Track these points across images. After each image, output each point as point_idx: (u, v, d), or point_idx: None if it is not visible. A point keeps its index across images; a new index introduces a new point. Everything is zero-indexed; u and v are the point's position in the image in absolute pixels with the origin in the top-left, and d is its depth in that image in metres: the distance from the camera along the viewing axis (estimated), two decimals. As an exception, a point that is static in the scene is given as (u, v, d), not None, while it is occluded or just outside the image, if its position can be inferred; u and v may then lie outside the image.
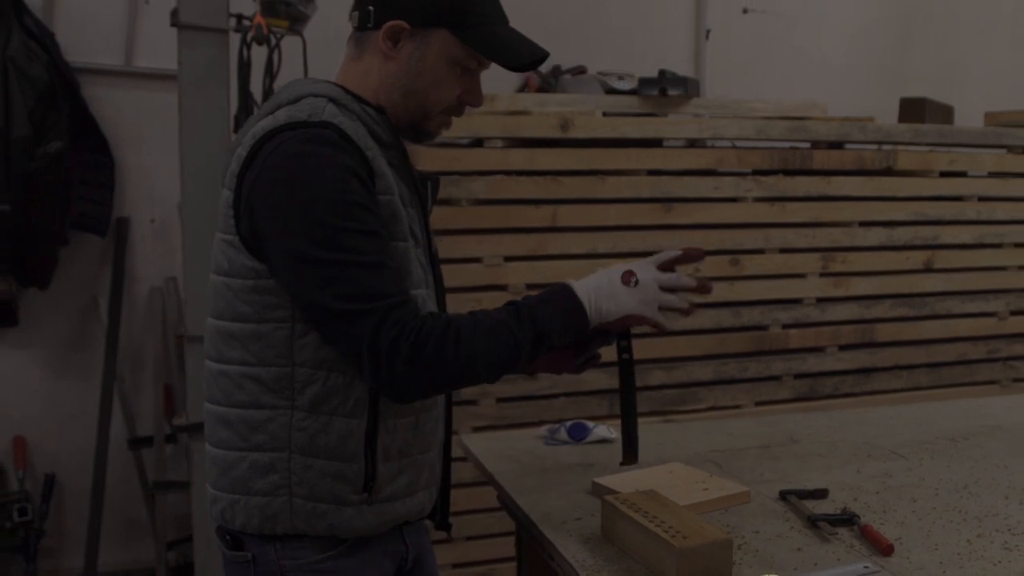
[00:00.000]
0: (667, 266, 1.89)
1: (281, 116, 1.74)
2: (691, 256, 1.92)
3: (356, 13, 1.85)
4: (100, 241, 4.04)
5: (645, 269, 1.86)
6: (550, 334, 1.77)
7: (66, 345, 4.10)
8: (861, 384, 3.99)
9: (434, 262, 1.97)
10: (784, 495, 2.17)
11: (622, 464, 2.00)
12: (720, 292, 3.70)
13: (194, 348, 3.34)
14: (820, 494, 2.16)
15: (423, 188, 1.96)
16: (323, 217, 1.66)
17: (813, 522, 2.02)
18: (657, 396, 3.67)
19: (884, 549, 1.88)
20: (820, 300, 3.89)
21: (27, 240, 3.71)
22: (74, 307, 4.08)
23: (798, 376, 3.89)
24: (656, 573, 1.75)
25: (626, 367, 1.94)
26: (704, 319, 3.69)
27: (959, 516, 2.05)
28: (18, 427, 4.02)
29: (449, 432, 2.04)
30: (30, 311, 4.01)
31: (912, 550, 1.87)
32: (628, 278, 1.83)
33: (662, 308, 1.85)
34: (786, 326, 3.85)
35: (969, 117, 4.40)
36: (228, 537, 1.84)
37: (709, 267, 3.68)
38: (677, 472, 2.22)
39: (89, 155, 3.92)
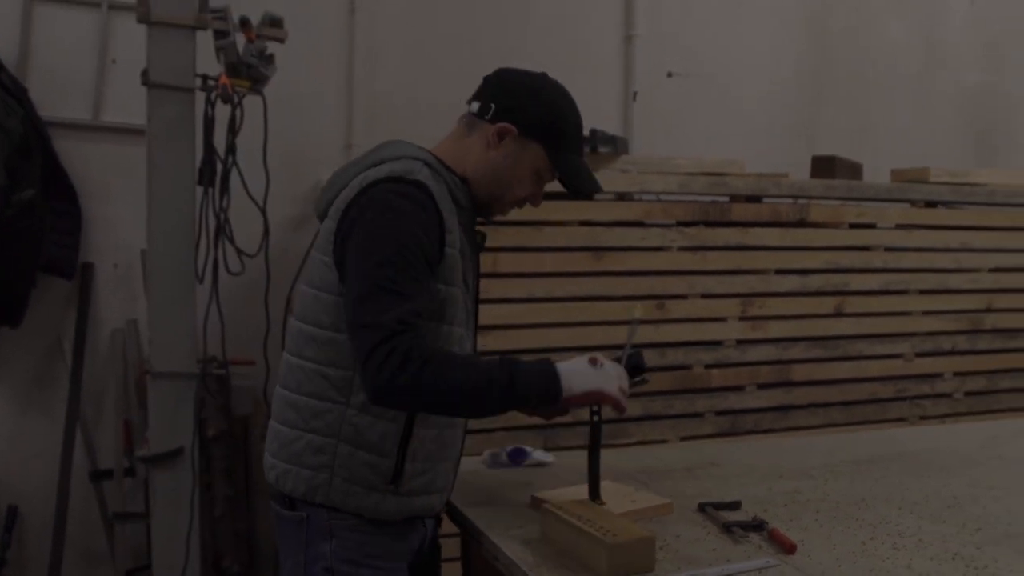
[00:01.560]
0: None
1: (384, 170, 2.15)
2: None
3: (478, 103, 2.28)
4: (66, 284, 4.21)
5: (600, 356, 2.20)
6: (525, 387, 2.05)
7: (31, 383, 4.25)
8: (779, 421, 4.28)
9: (476, 305, 2.39)
10: (702, 506, 2.45)
11: (592, 499, 2.32)
12: (647, 334, 3.99)
13: (157, 384, 3.58)
14: (734, 506, 2.43)
15: (480, 244, 2.38)
16: (393, 258, 2.04)
17: (727, 528, 2.29)
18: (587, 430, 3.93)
19: (788, 548, 2.17)
20: (740, 342, 4.18)
21: (1, 282, 3.89)
22: (40, 346, 4.24)
23: (720, 413, 4.17)
24: (589, 568, 2.00)
25: (595, 427, 2.33)
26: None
27: (856, 523, 2.34)
28: (-16, 460, 4.17)
29: (461, 452, 2.40)
30: (-2, 350, 4.20)
31: (813, 550, 2.14)
32: (594, 361, 2.17)
33: (621, 390, 2.20)
34: (708, 366, 4.14)
35: (877, 172, 4.72)
36: (285, 499, 2.24)
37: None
38: (607, 487, 2.43)
39: (58, 203, 4.09)
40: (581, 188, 2.34)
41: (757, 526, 2.29)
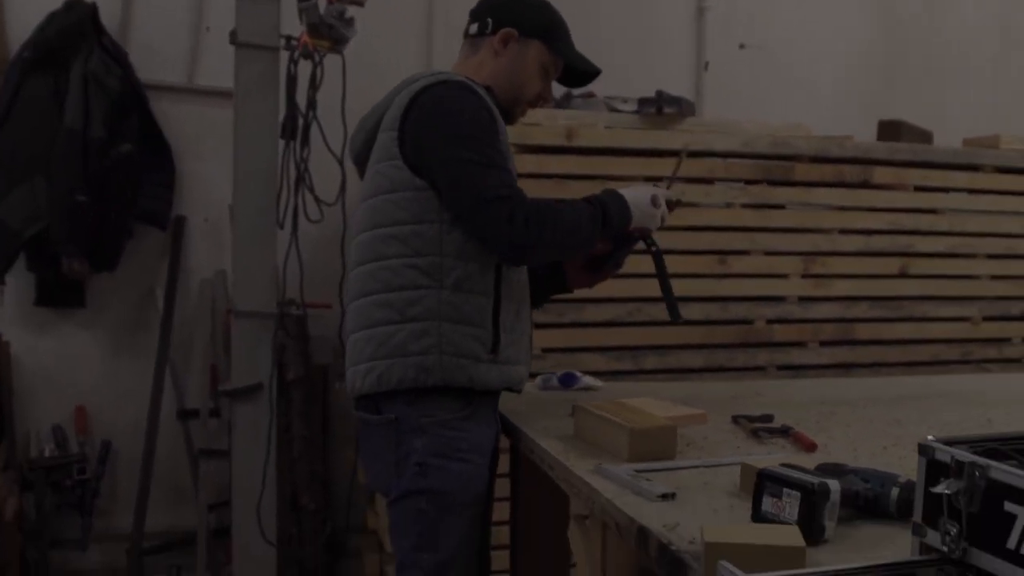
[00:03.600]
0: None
1: (427, 79, 2.38)
2: None
3: (475, 24, 2.55)
4: (160, 235, 4.50)
5: (661, 193, 2.53)
6: (613, 217, 2.39)
7: (126, 327, 4.55)
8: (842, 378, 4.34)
9: None
10: (735, 418, 2.56)
11: (674, 322, 2.64)
12: (708, 287, 4.10)
13: (239, 322, 3.81)
14: (767, 419, 2.53)
15: None
16: (474, 135, 2.29)
17: (755, 432, 2.42)
18: (649, 380, 4.04)
19: (808, 447, 2.28)
20: (802, 299, 4.24)
21: (100, 228, 4.16)
22: (134, 293, 4.54)
23: (781, 367, 4.23)
24: (613, 454, 2.14)
25: (658, 255, 2.56)
26: (693, 311, 4.05)
27: (883, 435, 2.42)
28: (80, 398, 4.45)
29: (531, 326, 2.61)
30: (96, 295, 4.46)
31: (833, 450, 2.24)
32: (655, 200, 2.49)
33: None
34: (770, 321, 4.22)
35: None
36: (371, 405, 2.41)
37: (699, 265, 4.09)
38: (647, 402, 2.51)
39: (154, 159, 4.38)
40: (586, 69, 2.61)
41: (783, 431, 2.40)
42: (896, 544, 1.55)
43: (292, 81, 3.87)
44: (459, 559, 2.42)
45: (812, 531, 1.55)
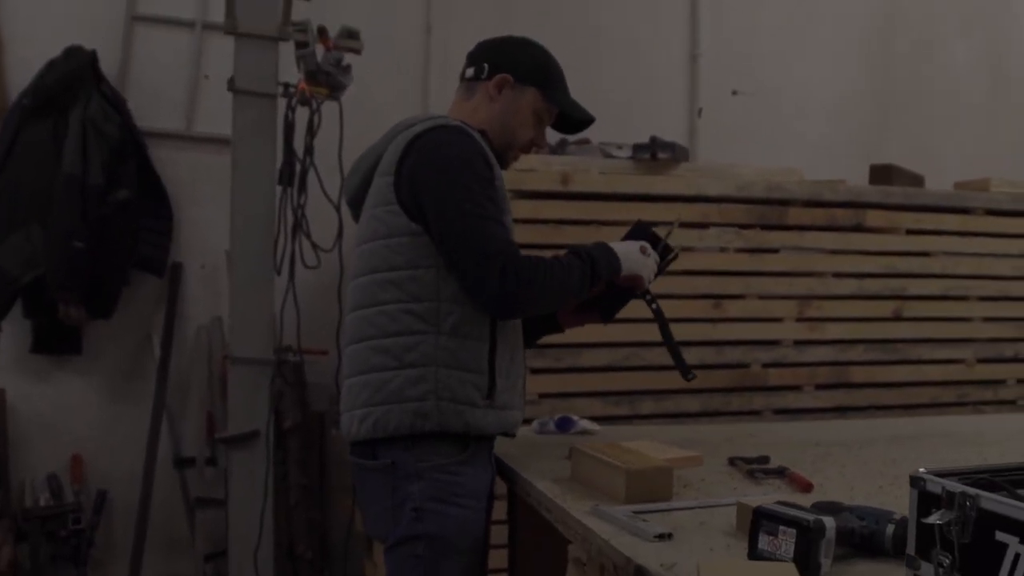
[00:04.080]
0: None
1: (424, 124, 2.40)
2: None
3: (472, 69, 2.57)
4: (156, 282, 4.51)
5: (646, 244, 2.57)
6: (601, 269, 2.43)
7: (122, 374, 4.54)
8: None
9: None
10: (732, 460, 2.57)
11: (687, 380, 2.68)
12: (704, 332, 4.12)
13: (236, 369, 3.81)
14: (763, 460, 2.54)
15: None
16: (471, 186, 2.30)
17: (751, 473, 2.42)
18: (646, 424, 4.05)
19: (804, 487, 2.28)
20: (797, 342, 4.27)
21: (97, 275, 4.16)
22: (131, 340, 4.54)
23: (778, 411, 4.25)
24: (610, 495, 2.14)
25: (658, 313, 2.63)
26: (689, 356, 3.97)
27: (879, 475, 2.42)
28: (76, 446, 4.43)
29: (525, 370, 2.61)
30: (92, 341, 4.46)
31: (829, 490, 2.24)
32: (643, 250, 2.54)
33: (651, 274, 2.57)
34: (766, 365, 4.23)
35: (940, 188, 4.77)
36: (367, 451, 2.40)
37: (694, 309, 4.11)
38: (643, 444, 2.54)
39: (152, 205, 4.40)
40: (580, 117, 2.63)
41: (779, 472, 2.41)
42: (893, 581, 1.56)
43: (289, 128, 3.91)
44: None
45: (808, 568, 1.55)
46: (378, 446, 2.38)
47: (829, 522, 1.59)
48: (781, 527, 1.60)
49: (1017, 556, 1.15)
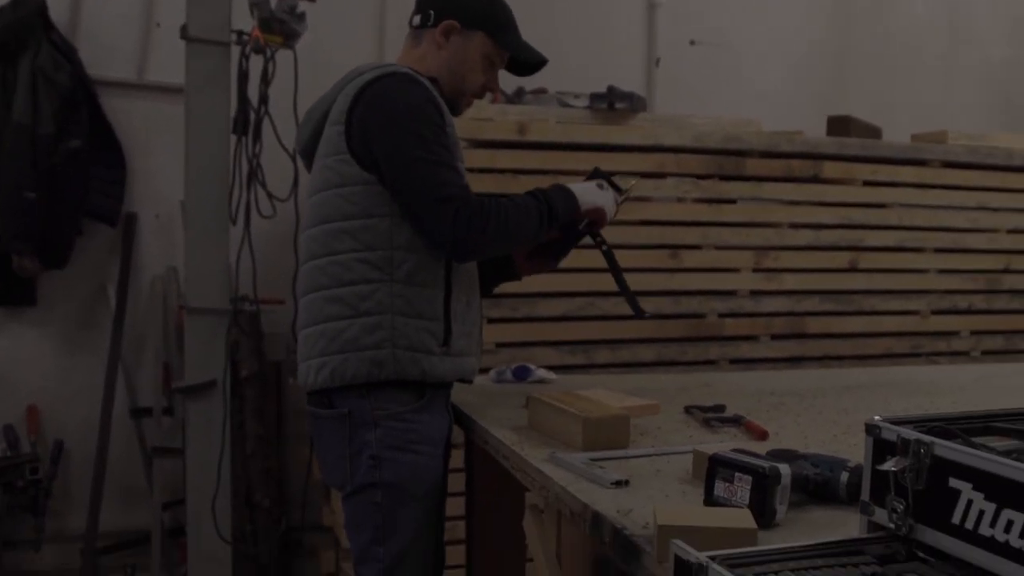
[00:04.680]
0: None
1: (374, 72, 2.38)
2: None
3: (418, 16, 2.53)
4: (110, 232, 4.46)
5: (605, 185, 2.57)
6: (560, 209, 2.43)
7: (77, 325, 4.51)
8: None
9: None
10: (688, 408, 2.59)
11: (638, 317, 2.70)
12: (660, 282, 4.13)
13: (192, 319, 3.78)
14: (718, 409, 2.55)
15: None
16: (422, 132, 2.30)
17: (707, 422, 2.45)
18: (602, 373, 4.07)
19: (759, 435, 2.30)
20: (754, 293, 4.28)
21: (50, 225, 4.12)
22: (85, 291, 4.50)
23: (733, 361, 4.27)
24: (567, 443, 2.16)
25: (609, 254, 2.64)
26: (646, 305, 4.00)
27: (832, 424, 2.45)
28: (32, 397, 4.41)
29: (481, 317, 2.62)
30: (47, 293, 4.42)
31: (784, 438, 2.26)
32: (600, 185, 2.54)
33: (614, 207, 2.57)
34: (722, 315, 4.25)
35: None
36: (324, 399, 2.41)
37: (650, 259, 4.12)
38: (600, 393, 2.57)
39: (104, 155, 4.34)
40: (529, 59, 2.59)
41: (735, 420, 2.43)
42: (847, 527, 1.57)
43: (244, 76, 3.87)
44: (415, 551, 2.43)
45: (764, 515, 1.57)
46: (334, 395, 2.39)
47: (784, 469, 1.61)
48: (737, 474, 1.62)
49: (970, 502, 1.17)
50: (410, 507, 2.40)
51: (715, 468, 1.67)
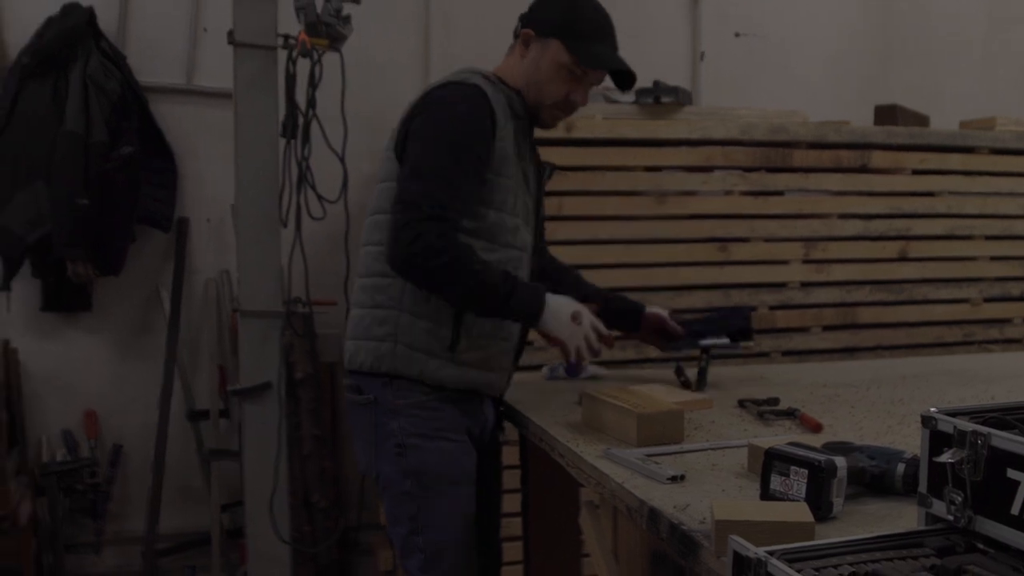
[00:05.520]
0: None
1: (443, 79, 2.49)
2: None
3: (519, 24, 2.55)
4: (163, 237, 4.52)
5: (588, 317, 2.47)
6: (517, 304, 2.35)
7: (133, 329, 4.57)
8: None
9: (539, 214, 2.67)
10: (742, 402, 2.59)
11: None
12: (710, 275, 4.13)
13: (246, 322, 3.82)
14: (772, 402, 2.55)
15: (541, 165, 2.68)
16: (437, 138, 2.35)
17: (761, 415, 2.45)
18: (654, 368, 4.06)
19: (814, 428, 2.30)
20: (804, 284, 4.27)
21: (103, 232, 4.17)
22: (140, 296, 4.56)
23: (786, 353, 4.26)
24: (622, 439, 2.17)
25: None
26: (696, 300, 4.08)
27: (887, 415, 2.44)
28: (90, 402, 4.48)
29: (523, 341, 2.62)
30: (101, 298, 4.48)
31: (839, 431, 2.26)
32: (576, 316, 2.44)
33: (579, 347, 2.45)
34: (773, 307, 4.24)
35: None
36: (355, 386, 2.49)
37: (699, 253, 4.11)
38: (653, 388, 2.58)
39: (155, 161, 4.39)
40: (607, 67, 2.53)
41: (789, 413, 2.43)
42: (903, 518, 1.58)
43: (291, 80, 3.87)
44: (456, 540, 2.47)
45: (820, 508, 1.57)
46: (363, 381, 2.47)
47: (840, 462, 1.61)
48: (792, 467, 1.62)
49: (1029, 492, 1.18)
50: (441, 495, 2.44)
51: (770, 462, 1.67)
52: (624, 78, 2.58)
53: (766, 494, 1.67)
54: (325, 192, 3.90)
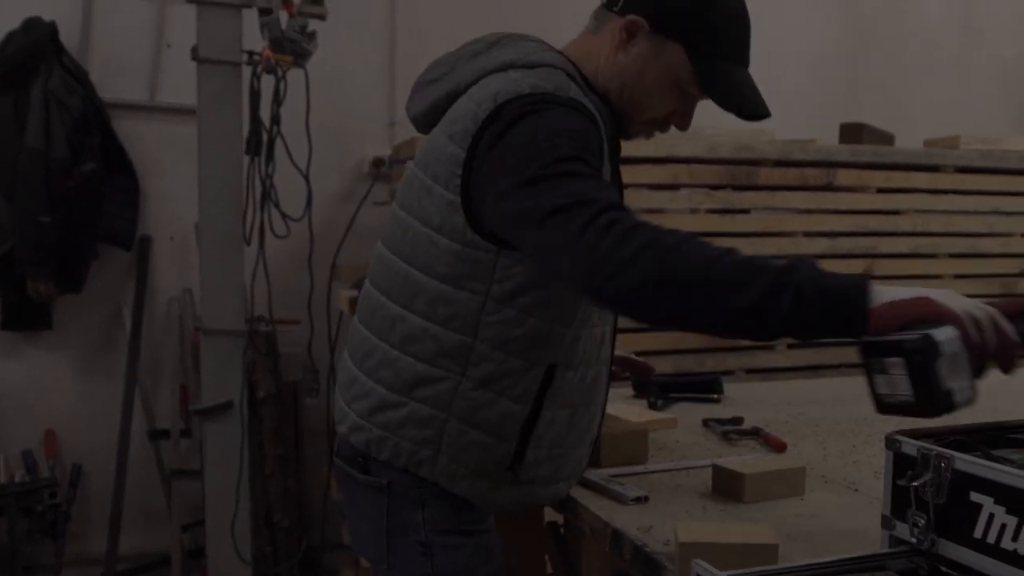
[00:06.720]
0: None
1: (524, 84, 1.69)
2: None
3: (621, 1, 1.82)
4: (125, 255, 4.47)
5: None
6: (805, 292, 1.47)
7: (94, 348, 4.52)
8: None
9: None
10: (706, 421, 2.58)
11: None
12: (677, 293, 4.11)
13: (208, 341, 3.79)
14: (736, 421, 2.56)
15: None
16: (553, 144, 1.59)
17: (725, 435, 2.44)
18: (619, 387, 4.04)
19: (778, 447, 2.30)
20: (769, 303, 4.26)
21: (64, 249, 4.12)
22: (101, 314, 4.51)
23: (751, 371, 4.25)
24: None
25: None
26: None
27: (851, 435, 2.45)
28: (49, 421, 4.41)
29: (600, 428, 2.02)
30: (62, 316, 4.43)
31: (803, 450, 2.27)
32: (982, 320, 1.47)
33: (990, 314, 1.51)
34: (738, 325, 4.22)
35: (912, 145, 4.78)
36: (358, 461, 1.88)
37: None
38: (617, 407, 2.53)
39: (118, 178, 4.34)
40: (734, 107, 1.84)
41: (753, 432, 2.42)
42: (868, 538, 1.57)
43: (255, 96, 3.86)
44: None
45: (933, 402, 1.26)
46: (370, 461, 1.87)
47: (943, 333, 1.25)
48: (887, 360, 1.29)
49: (991, 516, 1.17)
50: None
51: (867, 361, 1.34)
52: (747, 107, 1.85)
53: (880, 404, 1.37)
54: (289, 210, 3.87)
